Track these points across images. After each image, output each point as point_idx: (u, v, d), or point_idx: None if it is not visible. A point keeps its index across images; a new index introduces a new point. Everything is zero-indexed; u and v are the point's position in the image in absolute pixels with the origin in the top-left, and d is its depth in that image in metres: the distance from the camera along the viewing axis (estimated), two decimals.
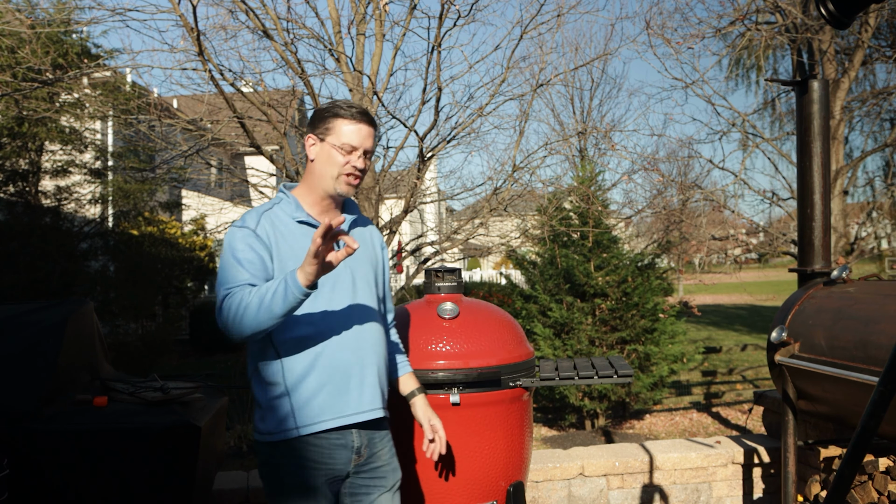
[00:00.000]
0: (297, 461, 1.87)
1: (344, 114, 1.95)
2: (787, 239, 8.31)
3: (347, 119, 1.95)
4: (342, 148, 1.94)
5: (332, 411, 1.89)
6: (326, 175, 1.96)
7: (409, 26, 5.37)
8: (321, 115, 1.99)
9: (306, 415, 1.88)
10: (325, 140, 1.96)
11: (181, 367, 11.21)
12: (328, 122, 1.96)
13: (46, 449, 2.38)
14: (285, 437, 1.87)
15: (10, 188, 8.99)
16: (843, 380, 2.70)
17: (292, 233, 1.95)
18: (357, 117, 1.95)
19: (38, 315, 2.73)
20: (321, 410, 1.88)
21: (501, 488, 2.54)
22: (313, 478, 1.88)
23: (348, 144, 1.93)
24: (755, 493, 3.73)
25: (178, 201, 13.34)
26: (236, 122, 5.05)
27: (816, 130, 3.26)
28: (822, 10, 1.23)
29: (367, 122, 1.97)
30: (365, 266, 2.08)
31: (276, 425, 1.89)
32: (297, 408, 1.87)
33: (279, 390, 1.89)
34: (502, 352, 2.54)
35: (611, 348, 6.95)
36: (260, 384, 1.93)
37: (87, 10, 6.64)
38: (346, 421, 1.90)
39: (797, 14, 7.28)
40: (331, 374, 1.89)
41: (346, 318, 1.95)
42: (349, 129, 1.94)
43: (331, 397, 1.89)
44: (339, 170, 1.94)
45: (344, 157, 1.94)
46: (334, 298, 1.95)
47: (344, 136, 1.94)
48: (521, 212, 8.05)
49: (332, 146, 1.94)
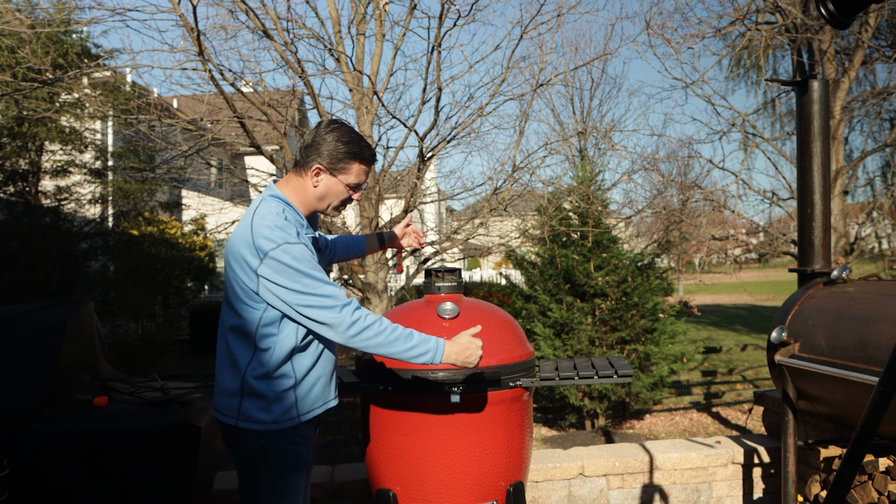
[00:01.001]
0: (296, 440, 2.07)
1: (366, 159, 2.10)
2: (787, 239, 8.31)
3: (366, 164, 2.11)
4: (351, 186, 2.11)
5: (323, 398, 2.14)
6: (325, 202, 2.11)
7: (409, 26, 5.37)
8: (339, 154, 2.07)
9: (307, 403, 2.08)
10: (337, 177, 2.08)
11: (181, 367, 11.21)
12: (348, 162, 2.08)
13: (46, 449, 2.38)
14: (288, 424, 2.04)
15: (10, 188, 8.99)
16: (843, 380, 2.70)
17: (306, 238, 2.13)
18: (371, 161, 2.12)
19: (38, 315, 2.73)
20: (317, 398, 2.11)
21: (501, 488, 2.54)
22: (306, 451, 2.11)
23: (357, 185, 2.12)
24: (755, 493, 3.73)
25: (178, 201, 13.33)
26: (236, 122, 5.06)
27: (816, 130, 3.26)
28: (822, 10, 1.23)
29: (373, 165, 2.16)
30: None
31: (281, 414, 2.03)
32: (300, 398, 2.06)
33: (290, 384, 2.03)
34: (502, 352, 2.54)
35: (611, 348, 6.95)
36: (266, 379, 2.01)
37: (87, 10, 6.65)
38: (330, 405, 2.18)
39: (797, 14, 7.28)
40: (325, 367, 2.13)
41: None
42: (363, 174, 2.12)
43: (323, 387, 2.13)
44: (338, 201, 2.12)
45: (348, 194, 2.13)
46: None
47: (356, 178, 2.10)
48: (521, 212, 8.05)
49: (345, 185, 2.10)
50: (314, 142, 2.07)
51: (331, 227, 5.53)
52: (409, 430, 2.49)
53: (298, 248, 1.94)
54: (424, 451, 2.47)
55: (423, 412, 2.47)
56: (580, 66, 7.75)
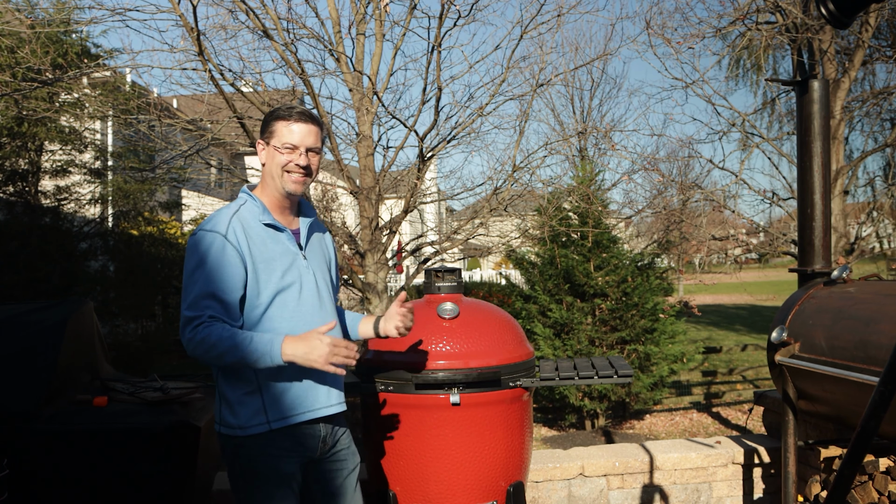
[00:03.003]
0: (270, 451, 1.96)
1: (283, 115, 2.04)
2: (788, 239, 8.30)
3: (286, 120, 2.03)
4: (284, 147, 2.02)
5: (304, 406, 2.00)
6: (275, 175, 2.04)
7: (409, 26, 5.37)
8: (266, 120, 2.08)
9: (278, 409, 1.97)
10: (270, 143, 2.05)
11: (181, 367, 11.19)
12: (271, 125, 2.05)
13: (46, 449, 2.38)
14: (257, 430, 1.95)
15: (10, 188, 8.99)
16: (844, 380, 2.69)
17: (259, 234, 2.02)
18: (295, 117, 2.04)
19: (38, 315, 2.73)
20: (293, 405, 1.98)
21: (501, 488, 2.54)
22: (286, 464, 1.98)
23: (289, 143, 2.02)
24: (755, 493, 3.73)
25: (177, 201, 13.33)
26: (236, 122, 5.05)
27: (817, 130, 3.26)
28: (822, 10, 1.23)
29: (305, 120, 2.04)
30: (322, 267, 2.18)
31: (247, 419, 1.95)
32: (268, 403, 1.96)
33: (251, 387, 1.96)
34: (502, 352, 2.54)
35: (611, 348, 6.94)
36: (228, 381, 1.98)
37: (87, 9, 6.64)
38: (315, 415, 2.01)
39: (797, 14, 7.28)
40: (301, 371, 1.97)
41: (314, 319, 2.04)
42: (288, 129, 2.03)
43: (302, 393, 2.00)
44: (283, 168, 2.03)
45: (286, 156, 2.03)
46: (302, 300, 2.04)
47: (284, 136, 2.03)
48: (521, 212, 8.05)
49: (275, 148, 2.03)
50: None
51: (330, 228, 5.53)
52: (409, 430, 2.49)
53: (205, 235, 1.93)
54: (424, 451, 2.47)
55: (423, 412, 2.47)
56: (580, 66, 7.76)
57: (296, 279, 2.02)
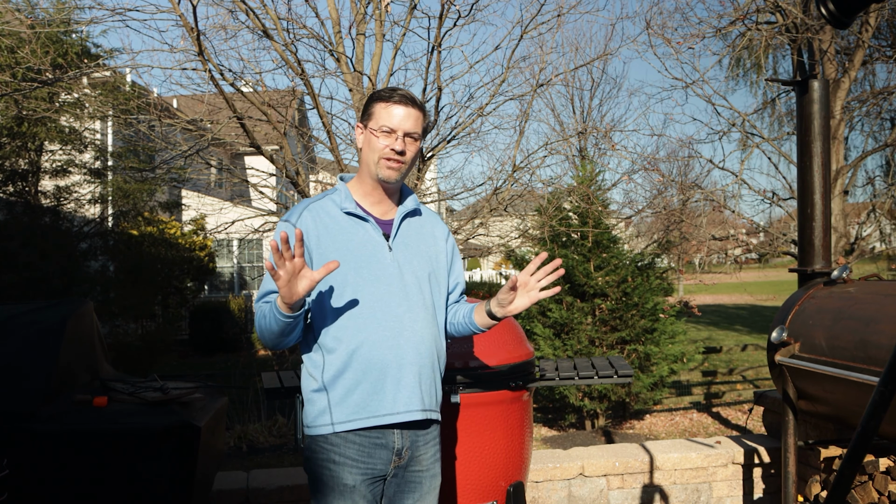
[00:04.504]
0: (333, 456, 1.85)
1: (384, 96, 1.93)
2: (788, 239, 8.30)
3: (385, 102, 1.92)
4: (380, 130, 1.91)
5: (367, 411, 1.85)
6: (370, 161, 1.93)
7: (409, 26, 5.37)
8: (366, 103, 1.99)
9: (342, 412, 1.85)
10: (367, 126, 1.94)
11: (181, 367, 11.20)
12: (370, 107, 1.95)
13: (46, 449, 2.37)
14: (322, 431, 1.87)
15: (10, 188, 8.98)
16: (844, 380, 2.69)
17: (338, 224, 1.93)
18: (396, 98, 1.92)
19: (38, 315, 2.72)
20: (357, 409, 1.85)
21: (501, 488, 2.54)
22: (349, 475, 1.84)
23: (386, 126, 1.90)
24: (755, 493, 3.73)
25: (177, 201, 13.32)
26: (236, 122, 5.06)
27: (817, 130, 3.26)
28: (822, 10, 1.23)
29: (405, 103, 1.92)
30: (417, 261, 1.99)
31: (313, 419, 1.89)
32: (333, 404, 1.86)
33: (316, 385, 1.89)
34: (502, 352, 2.54)
35: (611, 348, 6.94)
36: (304, 378, 1.96)
37: (87, 10, 6.64)
38: (378, 421, 1.85)
39: (797, 14, 7.28)
40: (366, 373, 1.85)
41: (388, 316, 1.89)
42: (387, 111, 1.91)
43: (366, 396, 1.85)
44: (378, 154, 1.91)
45: (382, 140, 1.91)
46: (378, 295, 1.89)
47: (382, 118, 1.91)
48: (521, 212, 8.05)
49: (371, 131, 1.92)
50: None
51: None
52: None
53: (278, 226, 1.91)
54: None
55: None
56: (580, 66, 7.78)
57: (373, 271, 1.90)
